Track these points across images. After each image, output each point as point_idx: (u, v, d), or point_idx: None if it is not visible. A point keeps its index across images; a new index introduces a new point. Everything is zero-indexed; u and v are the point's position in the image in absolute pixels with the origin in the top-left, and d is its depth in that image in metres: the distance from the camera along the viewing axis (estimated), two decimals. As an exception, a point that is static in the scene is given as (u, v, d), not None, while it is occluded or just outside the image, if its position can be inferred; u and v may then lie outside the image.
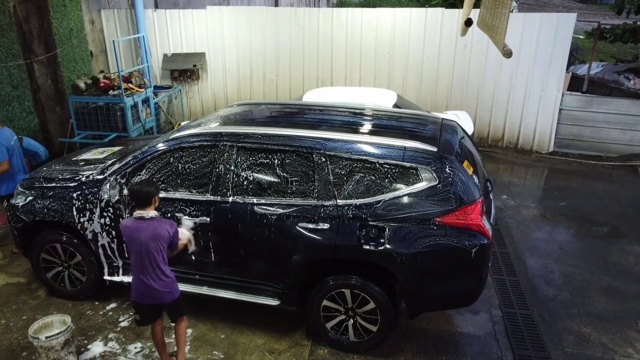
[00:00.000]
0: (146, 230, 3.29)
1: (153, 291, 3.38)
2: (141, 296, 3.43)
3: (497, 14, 4.34)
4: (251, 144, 3.82)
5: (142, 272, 3.34)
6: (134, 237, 3.31)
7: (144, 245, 3.28)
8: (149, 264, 3.32)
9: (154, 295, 3.41)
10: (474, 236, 3.48)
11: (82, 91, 7.26)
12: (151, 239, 3.28)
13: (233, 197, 3.84)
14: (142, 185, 3.38)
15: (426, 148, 3.61)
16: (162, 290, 3.40)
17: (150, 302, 3.45)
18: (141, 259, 3.32)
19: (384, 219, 3.54)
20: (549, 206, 6.72)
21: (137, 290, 3.43)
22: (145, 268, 3.33)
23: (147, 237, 3.28)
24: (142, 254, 3.30)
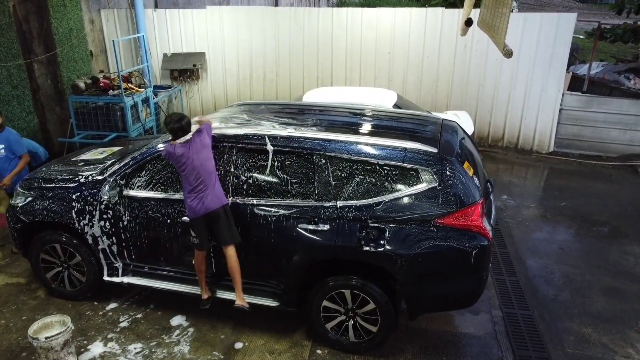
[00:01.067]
0: (192, 147, 3.65)
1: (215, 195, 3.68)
2: (203, 206, 3.66)
3: (497, 14, 4.33)
4: (250, 145, 3.81)
5: (201, 184, 3.65)
6: (185, 158, 3.64)
7: (197, 159, 3.64)
8: (206, 174, 3.66)
9: (218, 197, 3.69)
10: (474, 237, 3.47)
11: (82, 91, 7.25)
12: (199, 151, 3.65)
13: (233, 198, 3.83)
14: (176, 120, 3.74)
15: (426, 149, 3.60)
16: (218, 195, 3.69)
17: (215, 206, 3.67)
18: (197, 173, 3.64)
19: (384, 221, 3.54)
20: (549, 206, 6.71)
21: (199, 204, 3.66)
22: (203, 180, 3.65)
23: (195, 151, 3.64)
24: (196, 169, 3.63)
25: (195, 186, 3.65)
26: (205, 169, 3.65)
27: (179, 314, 4.36)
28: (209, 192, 3.65)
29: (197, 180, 3.64)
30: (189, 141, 3.68)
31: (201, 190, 3.65)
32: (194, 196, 3.66)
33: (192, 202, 3.67)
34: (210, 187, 3.66)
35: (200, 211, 3.66)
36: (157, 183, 4.02)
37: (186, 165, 3.65)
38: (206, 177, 3.65)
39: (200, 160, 3.64)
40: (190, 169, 3.64)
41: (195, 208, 3.66)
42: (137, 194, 4.04)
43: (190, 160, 3.63)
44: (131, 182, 4.08)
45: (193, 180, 3.65)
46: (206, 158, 3.67)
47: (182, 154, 3.65)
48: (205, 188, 3.65)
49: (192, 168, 3.64)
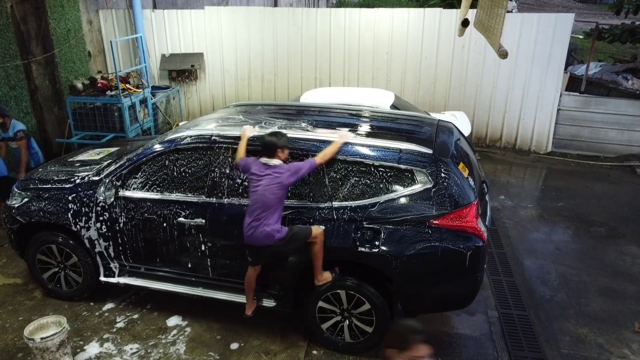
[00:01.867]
0: (269, 175, 3.48)
1: (259, 233, 3.47)
2: (249, 238, 3.52)
3: (493, 15, 4.34)
4: (247, 146, 3.81)
5: (253, 214, 3.48)
6: (255, 179, 3.51)
7: (261, 189, 3.46)
8: (261, 209, 3.45)
9: (259, 238, 3.49)
10: (469, 238, 3.48)
11: (80, 91, 7.26)
12: (267, 185, 3.45)
13: (229, 199, 3.84)
14: (269, 135, 3.60)
15: (422, 150, 3.61)
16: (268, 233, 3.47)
17: (247, 242, 3.55)
18: (256, 201, 3.48)
19: (379, 222, 3.54)
20: (546, 207, 6.72)
21: (250, 232, 3.51)
22: (255, 211, 3.47)
23: (265, 183, 3.45)
24: (254, 196, 3.48)
25: (250, 210, 3.51)
26: (262, 202, 3.45)
27: (175, 314, 4.37)
28: (256, 226, 3.46)
29: (254, 207, 3.48)
30: (272, 167, 3.51)
31: (253, 218, 3.47)
32: (249, 221, 3.50)
33: (246, 227, 3.52)
34: (260, 221, 3.45)
35: (249, 241, 3.54)
36: (153, 184, 4.02)
37: (250, 184, 3.54)
38: (258, 210, 3.45)
39: (264, 190, 3.44)
40: (250, 191, 3.53)
41: (246, 234, 3.53)
42: (133, 194, 4.05)
43: (254, 183, 3.49)
44: (127, 183, 4.08)
45: (252, 204, 3.51)
46: (273, 194, 3.44)
47: (255, 173, 3.52)
48: (256, 219, 3.46)
49: (252, 192, 3.51)
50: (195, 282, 4.17)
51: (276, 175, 3.47)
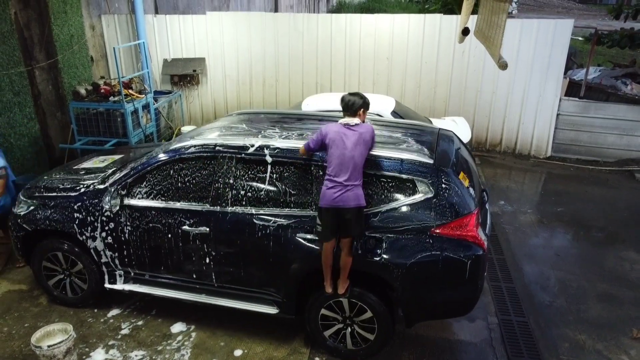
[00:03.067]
0: (353, 136, 3.51)
1: (350, 194, 3.44)
2: (334, 200, 3.45)
3: (492, 24, 4.39)
4: (250, 156, 3.87)
5: (341, 175, 3.45)
6: (339, 141, 3.50)
7: (349, 150, 3.46)
8: (352, 168, 3.45)
9: (349, 198, 3.44)
10: (470, 247, 3.53)
11: (83, 97, 7.31)
12: (355, 146, 3.48)
13: (232, 208, 3.89)
14: (350, 95, 3.67)
15: (423, 160, 3.66)
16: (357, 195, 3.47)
17: (331, 205, 3.46)
18: (342, 163, 3.46)
19: (381, 231, 3.60)
20: (546, 212, 6.77)
21: (332, 194, 3.46)
22: (344, 172, 3.45)
23: (352, 144, 3.48)
24: (345, 158, 3.46)
25: (334, 175, 3.47)
26: (352, 165, 3.45)
27: (179, 321, 4.42)
28: (345, 189, 3.43)
29: (338, 170, 3.45)
30: (356, 126, 3.56)
31: (338, 184, 3.43)
32: (332, 184, 3.45)
33: (329, 189, 3.46)
34: (349, 184, 3.44)
35: (326, 203, 3.47)
36: (157, 193, 4.08)
37: (335, 148, 3.49)
38: (348, 173, 3.44)
39: (352, 152, 3.46)
40: (337, 155, 3.47)
41: (327, 196, 3.46)
42: (138, 203, 4.10)
43: (341, 146, 3.48)
44: (132, 191, 4.14)
45: (340, 165, 3.46)
46: (361, 154, 3.50)
47: (341, 134, 3.52)
48: (343, 183, 3.43)
49: (339, 156, 3.46)
50: (200, 289, 4.22)
51: (362, 134, 3.54)
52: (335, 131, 3.57)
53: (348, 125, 3.59)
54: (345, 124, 3.61)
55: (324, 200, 3.51)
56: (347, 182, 3.45)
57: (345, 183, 3.45)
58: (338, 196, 3.45)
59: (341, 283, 3.70)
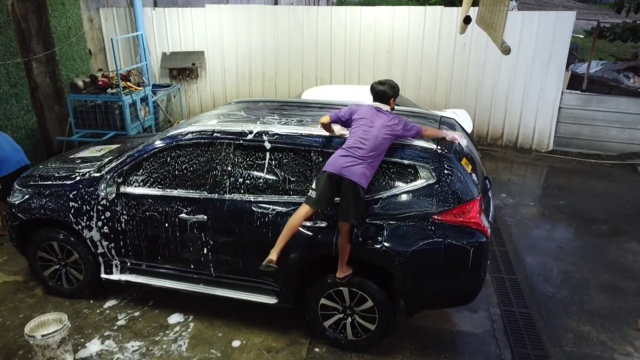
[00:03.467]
0: (382, 119, 3.54)
1: (357, 168, 3.38)
2: (341, 168, 3.38)
3: (495, 11, 4.32)
4: (248, 142, 3.80)
5: (359, 149, 3.41)
6: (368, 119, 3.53)
7: (375, 130, 3.47)
8: (371, 146, 3.42)
9: (354, 172, 3.36)
10: (472, 234, 3.46)
11: (81, 89, 7.25)
12: (383, 127, 3.49)
13: (230, 195, 3.82)
14: (380, 84, 3.70)
15: (425, 146, 3.59)
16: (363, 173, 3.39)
17: (338, 172, 3.38)
18: (365, 138, 3.44)
19: (382, 218, 3.53)
20: (548, 205, 6.70)
21: (342, 162, 3.40)
22: (363, 147, 3.41)
23: (380, 125, 3.49)
24: (369, 134, 3.44)
25: (351, 147, 3.43)
26: (374, 142, 3.42)
27: (177, 311, 4.35)
28: (357, 162, 3.37)
29: (358, 142, 3.42)
30: (385, 112, 3.59)
31: (352, 155, 3.39)
32: (347, 153, 3.42)
33: (340, 157, 3.42)
34: (362, 160, 3.38)
35: (332, 168, 3.40)
36: (154, 180, 4.01)
37: (362, 124, 3.51)
38: (367, 149, 3.39)
39: (378, 132, 3.45)
40: (362, 130, 3.47)
41: (337, 163, 3.40)
42: (135, 191, 4.03)
43: (368, 123, 3.50)
44: (129, 179, 4.07)
45: (360, 142, 3.43)
46: (384, 138, 3.46)
47: (370, 113, 3.56)
48: (358, 156, 3.38)
49: (364, 131, 3.46)
50: (197, 279, 4.15)
51: (390, 120, 3.54)
52: (365, 110, 3.62)
53: (379, 109, 3.62)
54: (376, 107, 3.64)
55: (330, 165, 3.45)
56: (362, 157, 3.42)
57: (359, 156, 3.42)
58: (347, 166, 3.39)
59: (340, 268, 3.60)
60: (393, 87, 3.73)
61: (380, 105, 3.67)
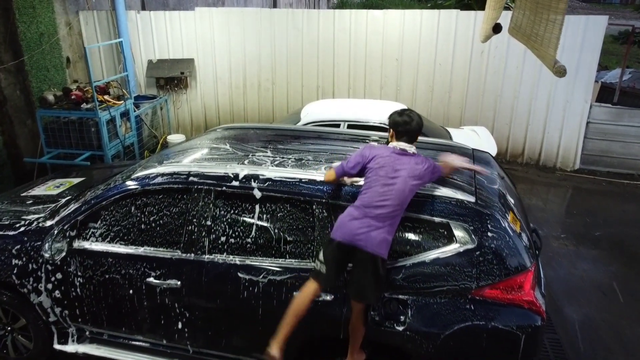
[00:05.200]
0: (408, 165, 2.75)
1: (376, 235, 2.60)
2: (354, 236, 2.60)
3: (539, 20, 3.50)
4: (233, 189, 2.98)
5: (378, 208, 2.62)
6: (389, 167, 2.73)
7: (401, 181, 2.68)
8: (395, 204, 2.63)
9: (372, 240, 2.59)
10: (525, 316, 2.65)
11: (51, 104, 6.42)
12: (410, 177, 2.71)
13: (210, 257, 3.01)
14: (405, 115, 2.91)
15: (460, 198, 2.77)
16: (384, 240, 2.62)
17: (350, 241, 2.61)
18: (386, 193, 2.64)
19: (406, 291, 2.72)
20: (581, 236, 5.88)
21: (354, 227, 2.62)
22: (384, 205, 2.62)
23: (406, 174, 2.71)
24: (392, 189, 2.65)
25: (367, 205, 2.64)
26: (398, 198, 2.65)
27: (147, 390, 3.52)
28: (375, 227, 2.60)
29: (377, 200, 2.64)
30: (412, 155, 2.82)
31: (368, 216, 2.62)
32: (360, 214, 2.63)
33: (352, 220, 2.64)
34: (382, 222, 2.62)
35: (343, 236, 2.64)
36: (115, 235, 3.18)
37: (381, 175, 2.70)
38: (389, 208, 2.63)
39: (404, 185, 2.67)
40: (382, 183, 2.67)
41: (347, 229, 2.63)
42: (92, 247, 3.21)
43: (390, 173, 2.70)
44: (84, 232, 3.25)
45: (373, 195, 2.66)
46: (410, 190, 2.70)
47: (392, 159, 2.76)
48: (377, 218, 2.61)
49: (385, 184, 2.67)
50: (171, 354, 3.33)
51: (418, 165, 2.76)
52: (386, 155, 2.81)
53: (404, 152, 2.82)
54: (401, 149, 2.83)
55: (340, 231, 2.65)
56: (381, 220, 2.60)
57: (377, 218, 2.60)
58: (363, 232, 2.58)
59: (351, 354, 2.81)
60: (420, 119, 2.93)
61: (405, 146, 2.84)
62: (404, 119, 2.89)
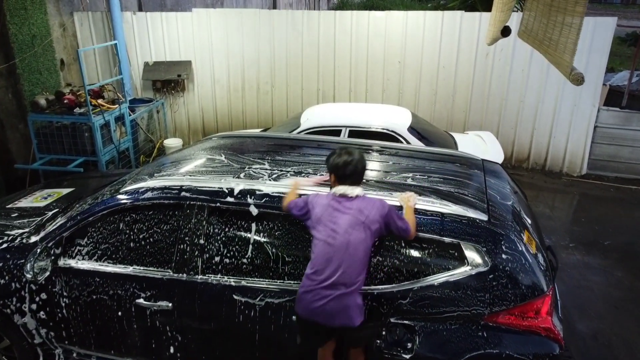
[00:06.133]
0: (348, 213, 2.39)
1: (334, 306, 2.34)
2: (312, 312, 2.38)
3: (553, 24, 3.31)
4: (228, 205, 2.78)
5: (325, 272, 2.36)
6: (327, 221, 2.40)
7: (342, 236, 2.35)
8: (343, 263, 2.34)
9: (332, 314, 2.34)
10: (541, 344, 2.47)
11: (43, 108, 6.22)
12: (353, 226, 2.36)
13: (203, 277, 2.81)
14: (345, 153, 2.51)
15: (472, 216, 2.58)
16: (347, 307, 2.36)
17: (309, 317, 2.39)
18: (329, 254, 2.36)
19: (413, 317, 2.52)
20: (591, 246, 5.68)
21: (308, 302, 2.39)
22: (331, 268, 2.35)
23: (347, 225, 2.35)
24: (334, 247, 2.35)
25: (315, 272, 2.39)
26: (344, 257, 2.35)
27: (137, 415, 3.33)
28: (330, 297, 2.34)
29: (322, 265, 2.38)
30: (355, 199, 2.46)
31: (317, 286, 2.36)
32: (310, 285, 2.39)
33: (304, 293, 2.41)
34: (337, 290, 2.35)
35: (301, 310, 2.43)
36: (103, 254, 2.99)
37: (321, 232, 2.41)
38: (338, 272, 2.35)
39: (346, 239, 2.35)
40: (323, 243, 2.39)
41: (303, 303, 2.41)
42: (78, 265, 3.02)
43: (329, 228, 2.39)
44: (70, 250, 3.05)
45: (317, 258, 2.40)
46: (361, 242, 2.38)
47: (330, 210, 2.42)
48: (329, 287, 2.35)
49: (327, 244, 2.37)
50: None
51: (364, 211, 2.39)
52: (323, 204, 2.47)
53: (344, 197, 2.46)
54: (340, 194, 2.47)
55: (298, 305, 2.45)
56: (334, 286, 2.33)
57: (330, 287, 2.33)
58: (319, 306, 2.35)
59: None
60: (362, 157, 2.57)
61: (344, 189, 2.48)
62: (344, 159, 2.50)
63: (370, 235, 2.41)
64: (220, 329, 2.81)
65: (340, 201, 2.46)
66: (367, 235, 2.39)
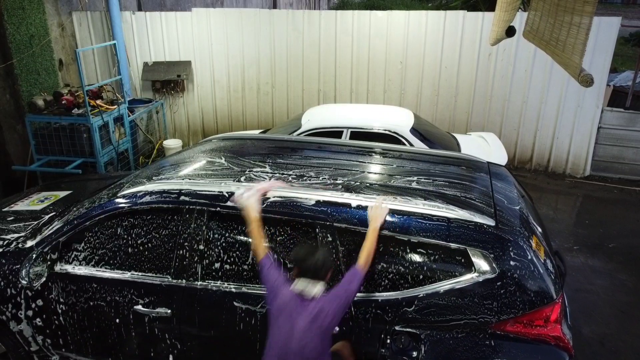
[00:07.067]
0: (305, 317, 2.24)
1: None
2: None
3: (560, 24, 3.23)
4: (228, 209, 2.72)
5: None
6: (285, 320, 2.27)
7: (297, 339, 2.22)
8: None
9: None
10: (550, 353, 2.40)
11: (41, 109, 6.16)
12: (307, 331, 2.23)
13: (203, 283, 2.74)
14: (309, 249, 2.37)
15: (479, 221, 2.51)
16: None
17: None
18: (286, 354, 2.24)
19: (419, 325, 2.45)
20: (595, 249, 5.61)
21: None
22: None
23: (302, 328, 2.23)
24: (290, 349, 2.23)
25: None
26: (306, 356, 2.24)
27: None
28: None
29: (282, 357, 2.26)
30: (312, 301, 2.29)
31: None
32: None
33: None
34: None
35: None
36: (100, 259, 2.92)
37: (276, 333, 2.30)
38: None
39: (304, 342, 2.23)
40: (278, 347, 2.27)
41: None
42: (74, 271, 2.95)
43: (284, 331, 2.26)
44: (66, 254, 2.98)
45: (277, 351, 2.28)
46: (314, 349, 2.24)
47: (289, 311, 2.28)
48: None
49: (281, 343, 2.26)
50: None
51: (320, 314, 2.24)
52: (285, 301, 2.31)
53: (301, 297, 2.30)
54: (299, 292, 2.31)
55: None
56: None
57: None
58: None
59: None
60: (326, 254, 2.41)
61: (305, 287, 2.30)
62: (301, 260, 2.33)
63: (326, 338, 2.29)
64: (220, 337, 2.75)
65: (299, 301, 2.30)
66: (323, 338, 2.27)
